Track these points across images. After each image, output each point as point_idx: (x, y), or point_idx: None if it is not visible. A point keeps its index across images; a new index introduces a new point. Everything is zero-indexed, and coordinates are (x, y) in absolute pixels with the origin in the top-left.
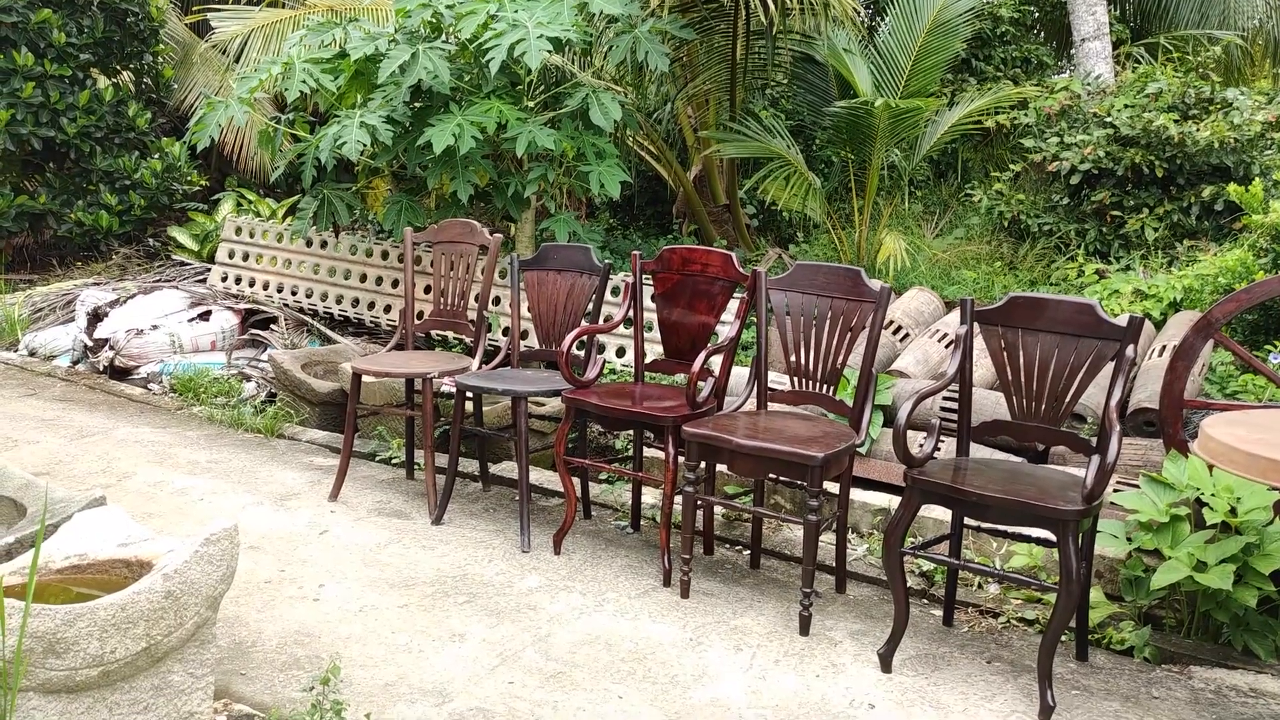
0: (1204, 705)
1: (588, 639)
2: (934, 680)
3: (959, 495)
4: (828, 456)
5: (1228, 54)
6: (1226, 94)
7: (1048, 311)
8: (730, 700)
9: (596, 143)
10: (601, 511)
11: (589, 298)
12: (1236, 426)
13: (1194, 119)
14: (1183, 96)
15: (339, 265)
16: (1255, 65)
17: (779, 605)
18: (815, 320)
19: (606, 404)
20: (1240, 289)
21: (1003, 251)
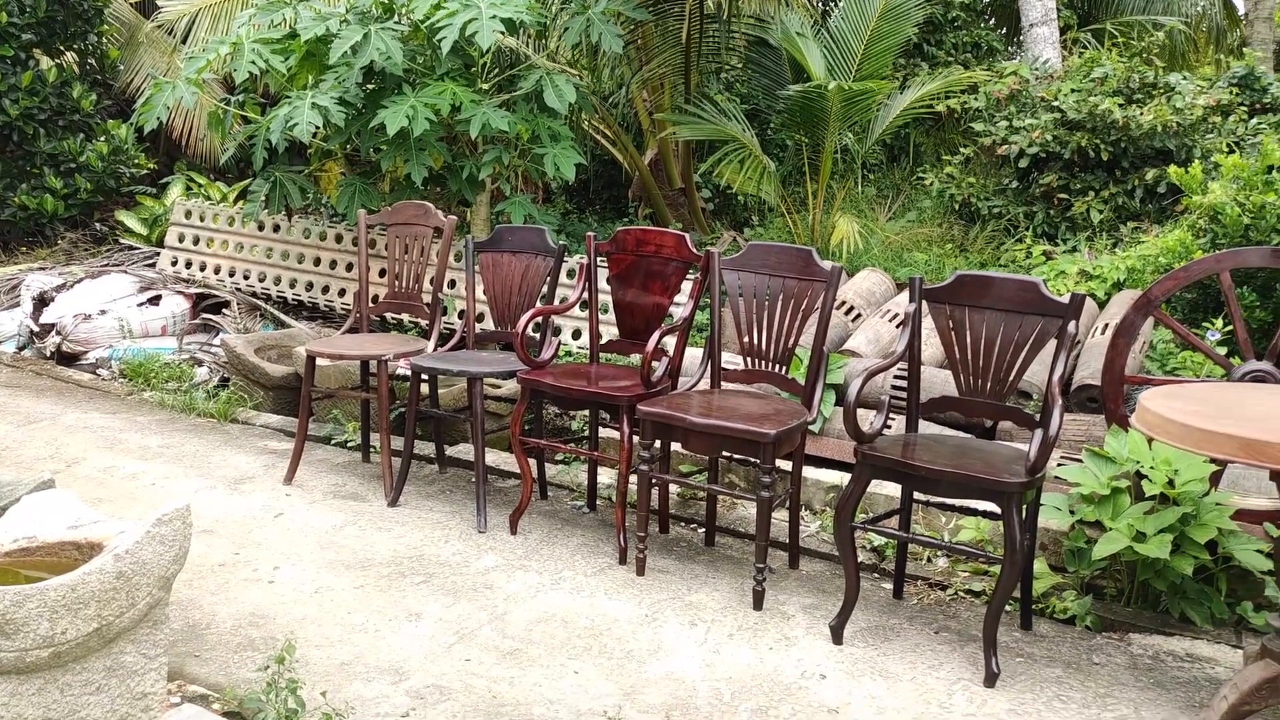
0: (1142, 670)
1: (544, 616)
2: (883, 651)
3: (908, 470)
4: (780, 434)
5: (1172, 40)
6: (1169, 79)
7: (993, 289)
8: (685, 674)
9: (551, 125)
10: (558, 492)
11: (544, 279)
12: (1173, 400)
13: (1138, 103)
14: (1127, 81)
15: (292, 249)
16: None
17: (733, 581)
18: (768, 300)
19: (562, 384)
20: (1178, 268)
21: (954, 234)
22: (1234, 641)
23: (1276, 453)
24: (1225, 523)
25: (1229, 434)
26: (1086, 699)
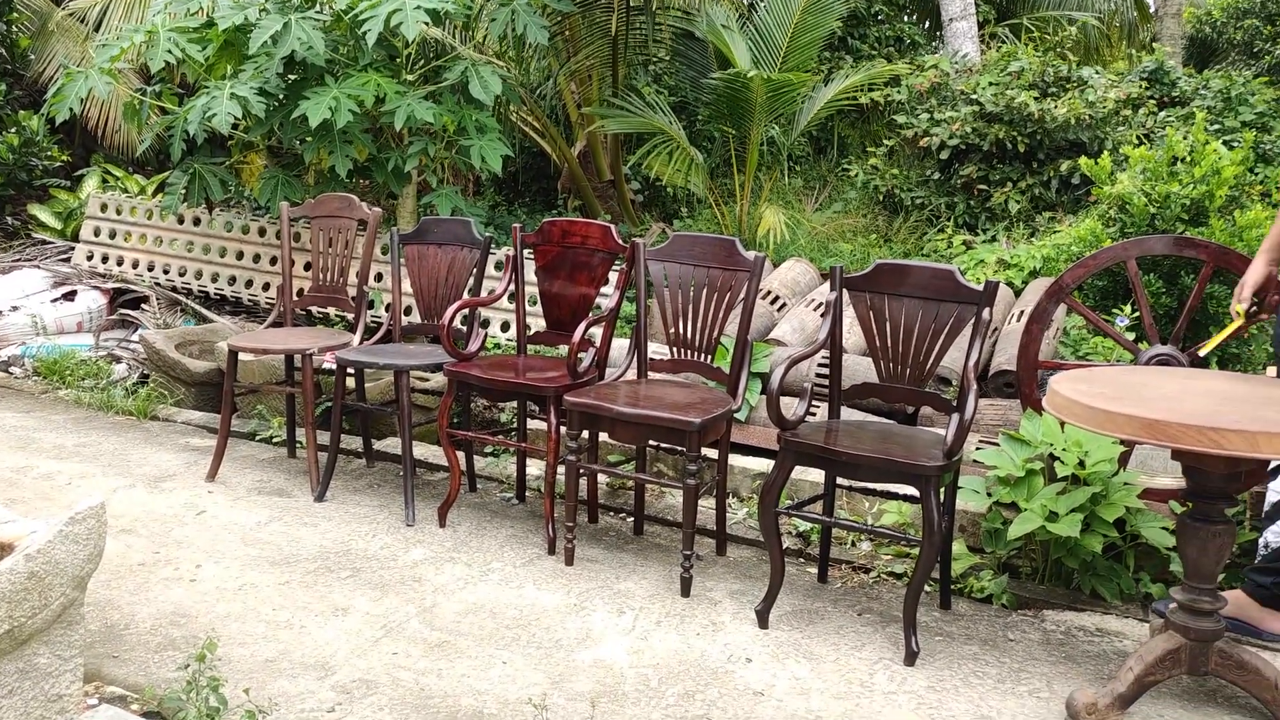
0: (1054, 645)
1: (473, 608)
2: (808, 633)
3: (829, 455)
4: (705, 422)
5: (1086, 35)
6: (1082, 73)
7: (910, 277)
8: (613, 661)
9: (477, 117)
10: (487, 484)
11: (470, 271)
12: (1080, 383)
13: (1053, 97)
14: (1042, 75)
15: (214, 242)
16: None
17: (661, 569)
18: (693, 290)
19: (489, 376)
20: (1087, 256)
21: (878, 224)
22: (1141, 615)
23: (1175, 432)
24: (1133, 502)
25: (1131, 415)
26: (1002, 674)
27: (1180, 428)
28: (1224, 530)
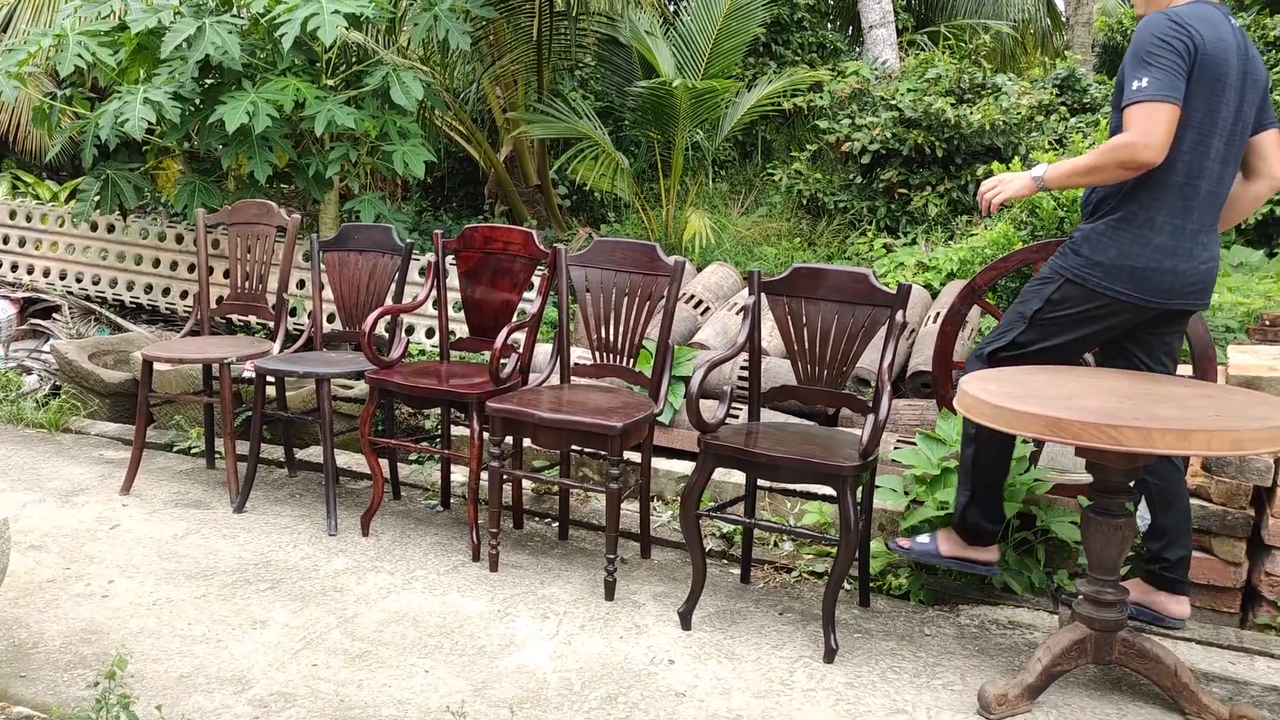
0: (968, 638)
1: (395, 617)
2: (730, 634)
3: (748, 457)
4: (627, 426)
5: (1002, 43)
6: (996, 79)
7: (827, 281)
8: (536, 666)
9: (400, 122)
10: (412, 491)
11: (392, 278)
12: (988, 382)
13: (968, 103)
14: (958, 82)
15: (129, 250)
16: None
17: (586, 573)
18: (615, 295)
19: (411, 383)
20: (998, 258)
21: (802, 228)
22: (1052, 608)
23: (1076, 430)
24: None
25: (1034, 413)
26: (918, 668)
27: (1080, 425)
28: (1125, 523)
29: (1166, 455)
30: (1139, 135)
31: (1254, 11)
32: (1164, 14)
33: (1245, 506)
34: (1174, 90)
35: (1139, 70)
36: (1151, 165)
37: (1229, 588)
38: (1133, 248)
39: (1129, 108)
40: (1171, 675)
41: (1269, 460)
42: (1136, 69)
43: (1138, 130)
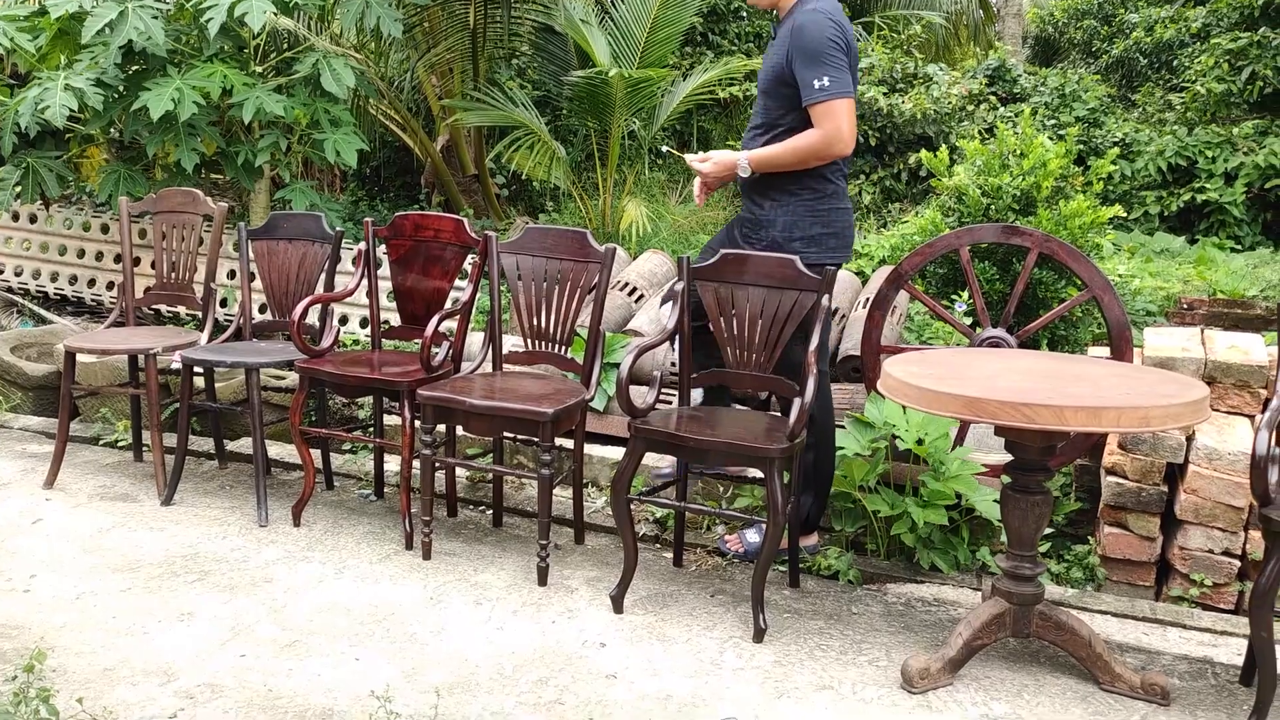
0: (895, 616)
1: (326, 606)
2: (662, 616)
3: (678, 442)
4: (558, 412)
5: (935, 34)
6: (928, 70)
7: (754, 266)
8: (468, 652)
9: (331, 110)
10: (345, 481)
11: (322, 266)
12: (911, 365)
13: (900, 92)
14: (891, 72)
15: (52, 240)
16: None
17: (520, 560)
18: (547, 282)
19: (342, 372)
20: (923, 244)
21: None
22: (975, 585)
23: (992, 409)
24: (968, 480)
25: (954, 394)
26: (844, 646)
27: (997, 404)
28: (1042, 500)
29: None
30: (833, 131)
31: (1178, 3)
32: (821, 14)
33: (1159, 483)
34: (849, 85)
35: (817, 69)
36: (843, 156)
37: (1144, 562)
38: (820, 219)
39: (818, 105)
40: (1086, 646)
41: (1181, 438)
42: (814, 68)
43: (832, 126)
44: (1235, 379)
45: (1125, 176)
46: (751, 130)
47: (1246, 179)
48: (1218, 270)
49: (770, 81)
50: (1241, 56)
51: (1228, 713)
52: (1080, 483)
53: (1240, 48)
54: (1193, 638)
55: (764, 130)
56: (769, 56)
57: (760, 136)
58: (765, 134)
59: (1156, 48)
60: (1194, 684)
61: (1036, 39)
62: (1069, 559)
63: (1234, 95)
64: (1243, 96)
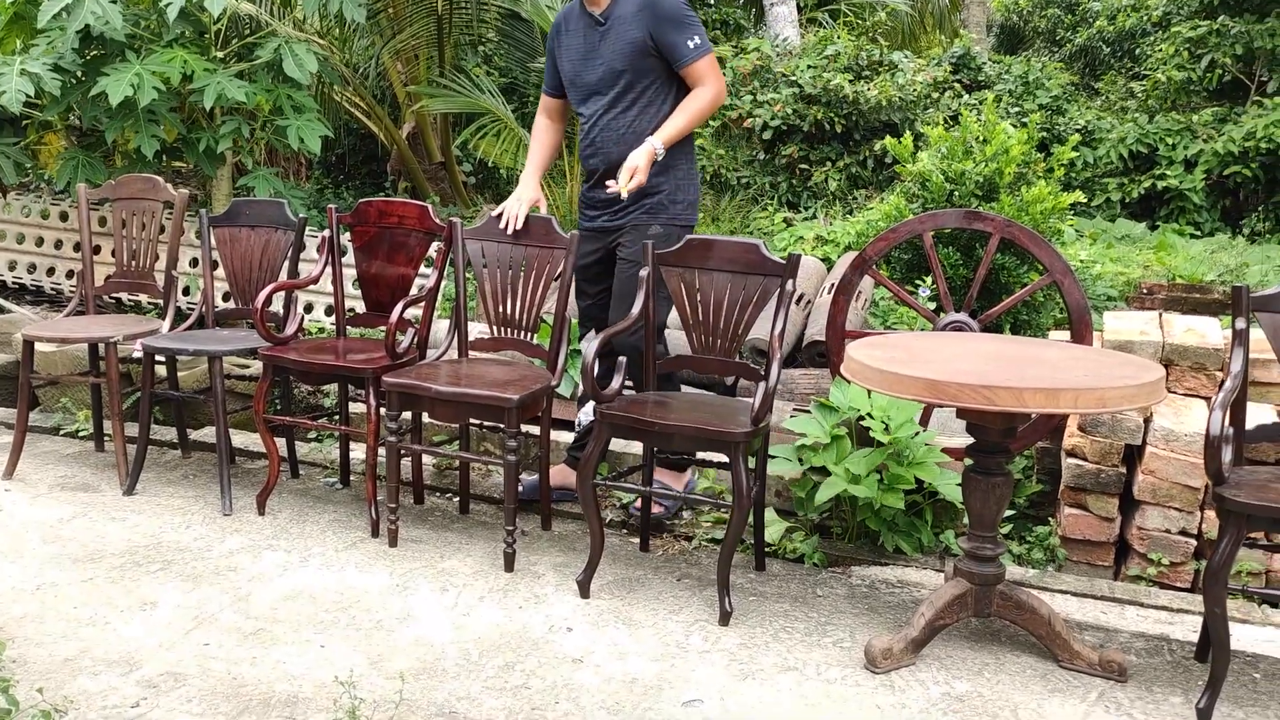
0: (859, 598)
1: (291, 594)
2: (628, 601)
3: (643, 426)
4: (524, 398)
5: (901, 21)
6: (893, 57)
7: (719, 252)
8: (434, 638)
9: (294, 96)
10: (311, 470)
11: (286, 253)
12: (874, 349)
13: (866, 79)
14: (857, 59)
15: (10, 228)
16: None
17: (487, 546)
18: (512, 269)
19: (306, 359)
20: (887, 229)
21: (706, 203)
22: (939, 567)
23: (953, 391)
24: (930, 466)
25: (915, 376)
26: (809, 627)
27: (957, 387)
28: (1003, 482)
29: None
30: (719, 82)
31: None
32: None
33: (1118, 465)
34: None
35: (686, 31)
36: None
37: (1103, 542)
38: (696, 179)
39: (700, 61)
40: (1045, 625)
41: (1139, 420)
42: (683, 30)
43: (716, 78)
44: (1192, 362)
45: (1088, 164)
46: (609, 111)
47: (1206, 166)
48: (1177, 256)
49: (631, 57)
50: (1201, 45)
51: (1183, 688)
52: (1041, 465)
53: (1200, 36)
54: (1150, 615)
55: (627, 106)
56: (618, 39)
57: (625, 113)
58: (629, 108)
59: (1119, 36)
60: (1151, 660)
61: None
62: (1030, 540)
63: (1194, 83)
64: (1202, 84)
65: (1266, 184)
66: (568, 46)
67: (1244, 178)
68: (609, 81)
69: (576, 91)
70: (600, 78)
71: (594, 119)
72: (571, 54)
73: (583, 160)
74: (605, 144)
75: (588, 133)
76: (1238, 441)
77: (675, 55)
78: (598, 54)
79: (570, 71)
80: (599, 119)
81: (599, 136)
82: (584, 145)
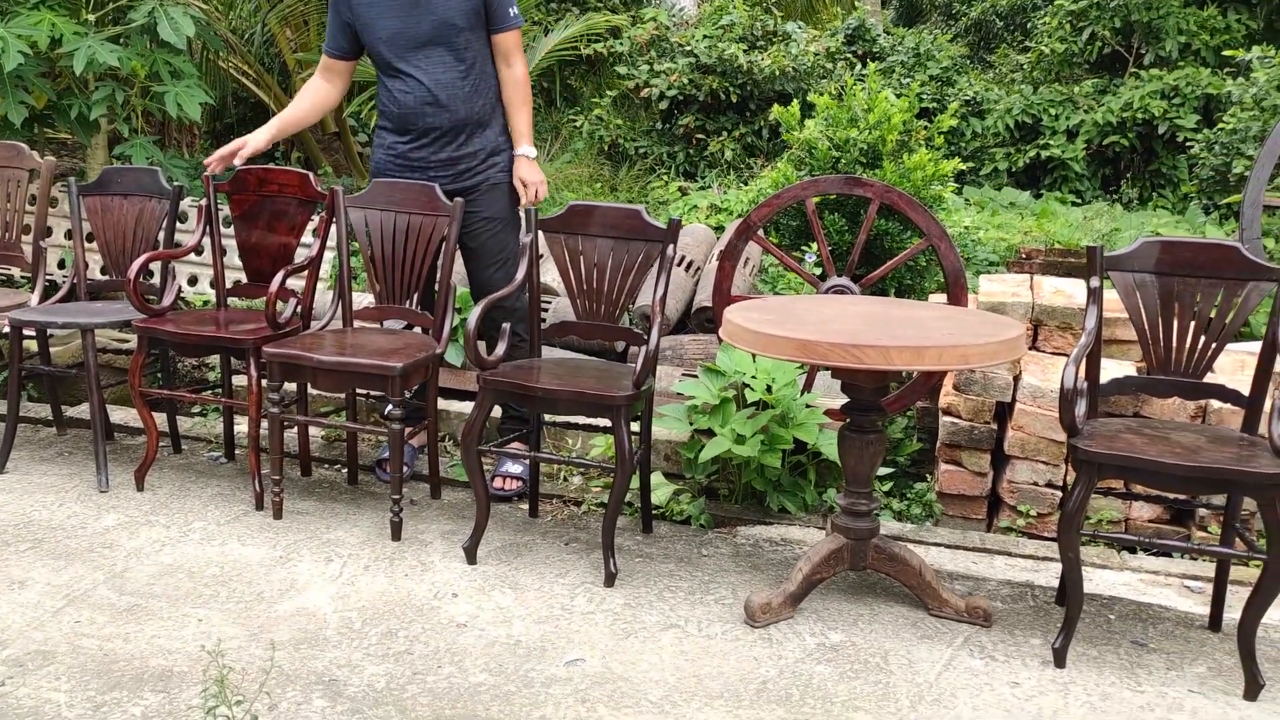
0: (743, 556)
1: (169, 569)
2: (515, 566)
3: (526, 392)
4: (407, 366)
5: None
6: (787, 27)
7: (601, 218)
8: (316, 608)
9: (171, 61)
10: (195, 444)
11: (161, 223)
12: (751, 311)
13: (760, 49)
14: (751, 29)
15: None
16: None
17: (375, 516)
18: (395, 236)
19: (183, 331)
20: (771, 195)
21: (604, 174)
22: (821, 525)
23: (823, 350)
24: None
25: (788, 337)
26: (693, 586)
27: (827, 346)
28: (876, 439)
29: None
30: (524, 60)
31: None
32: None
33: (989, 421)
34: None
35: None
36: None
37: (977, 496)
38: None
39: (514, 31)
40: (917, 575)
41: (1008, 378)
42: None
43: (522, 54)
44: (1059, 321)
45: (977, 134)
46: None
47: (1086, 136)
48: (1057, 222)
49: (467, 14)
50: (1082, 18)
51: (1043, 630)
52: (922, 424)
53: (1081, 9)
54: (1017, 564)
55: (469, 64)
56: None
57: (469, 70)
58: (471, 67)
59: (1011, 10)
60: (1015, 606)
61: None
62: (910, 497)
63: (1075, 55)
64: (1084, 56)
65: (1143, 153)
66: (373, 2)
67: (1121, 147)
68: (447, 35)
69: (395, 47)
70: (435, 31)
71: (432, 75)
72: (384, 8)
73: (411, 118)
74: (450, 102)
75: (421, 90)
76: (1092, 395)
77: (497, 18)
78: (425, 6)
79: (388, 28)
80: (441, 76)
81: (444, 95)
82: (416, 102)
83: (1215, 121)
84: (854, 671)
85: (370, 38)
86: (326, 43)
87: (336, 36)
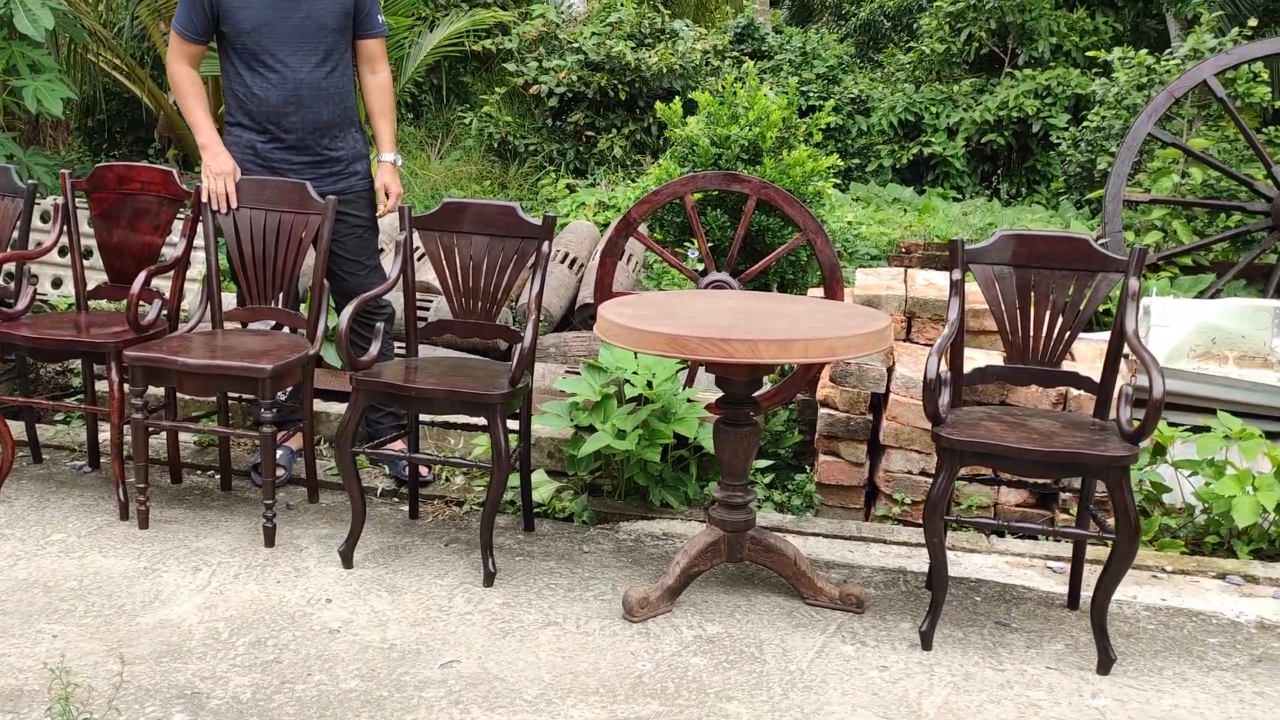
0: (624, 552)
1: (23, 584)
2: (393, 569)
3: (400, 392)
4: (278, 368)
5: None
6: (674, 25)
7: (476, 215)
8: (181, 619)
9: (30, 54)
10: (57, 454)
11: (14, 223)
12: (625, 307)
13: (648, 46)
14: (639, 26)
15: None
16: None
17: (248, 522)
18: (266, 235)
19: (38, 335)
20: (651, 192)
21: (494, 172)
22: (703, 518)
23: (693, 345)
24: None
25: (659, 332)
26: (573, 583)
27: (697, 341)
28: (750, 432)
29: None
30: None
31: None
32: None
33: (865, 412)
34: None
35: (378, 4)
36: None
37: (854, 486)
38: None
39: (381, 39)
40: (792, 565)
41: (883, 370)
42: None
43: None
44: (931, 313)
45: (862, 131)
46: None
47: (965, 134)
48: (936, 217)
49: (339, 16)
50: (960, 19)
51: (913, 614)
52: (803, 417)
53: (959, 10)
54: (891, 551)
55: (334, 66)
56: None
57: (333, 73)
58: (335, 69)
59: (898, 11)
60: (887, 592)
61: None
62: (791, 488)
63: (954, 55)
64: (962, 56)
65: (1019, 150)
66: None
67: (998, 145)
68: (317, 36)
69: (261, 38)
70: (306, 31)
71: (298, 73)
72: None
73: (273, 115)
74: (314, 102)
75: (285, 87)
76: (956, 384)
77: (367, 24)
78: (296, 4)
79: (254, 18)
80: (307, 75)
81: (308, 95)
82: (279, 100)
83: (1084, 120)
84: (729, 662)
85: (233, 25)
86: (184, 26)
87: (193, 19)
